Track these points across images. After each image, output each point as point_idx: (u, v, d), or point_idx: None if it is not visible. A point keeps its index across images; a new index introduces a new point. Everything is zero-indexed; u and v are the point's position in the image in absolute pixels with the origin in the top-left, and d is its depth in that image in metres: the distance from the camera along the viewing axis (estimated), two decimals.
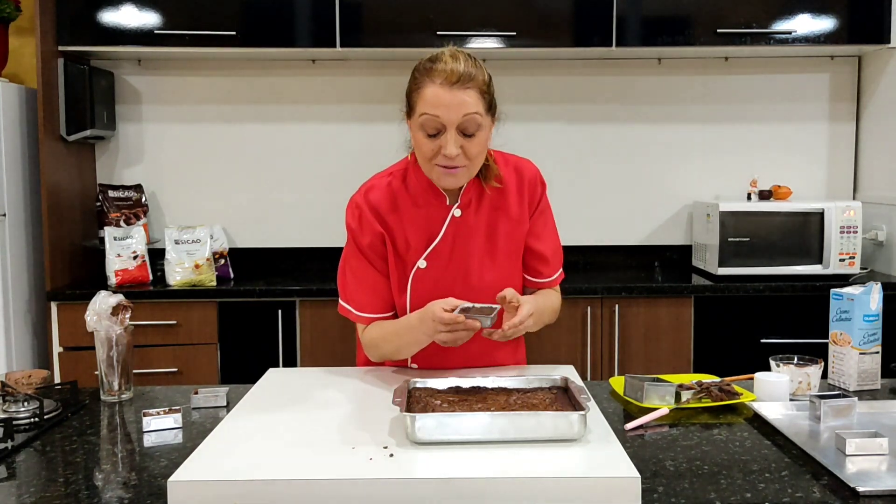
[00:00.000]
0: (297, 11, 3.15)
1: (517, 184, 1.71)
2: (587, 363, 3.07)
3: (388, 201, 1.67)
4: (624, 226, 3.63)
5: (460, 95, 1.50)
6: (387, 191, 1.68)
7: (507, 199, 1.70)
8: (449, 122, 1.51)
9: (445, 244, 1.67)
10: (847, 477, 1.21)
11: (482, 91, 1.53)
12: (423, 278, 1.67)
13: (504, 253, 1.70)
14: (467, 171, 1.58)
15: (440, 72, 1.51)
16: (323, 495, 1.13)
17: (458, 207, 1.67)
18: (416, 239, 1.67)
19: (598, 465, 1.17)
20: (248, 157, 3.58)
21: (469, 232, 1.68)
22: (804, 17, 3.19)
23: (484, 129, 1.55)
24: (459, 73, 1.50)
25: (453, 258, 1.67)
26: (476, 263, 1.68)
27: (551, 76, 3.55)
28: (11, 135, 3.06)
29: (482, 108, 1.53)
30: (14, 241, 3.08)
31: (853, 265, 3.16)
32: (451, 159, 1.53)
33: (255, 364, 2.85)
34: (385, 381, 1.66)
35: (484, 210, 1.68)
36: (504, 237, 1.70)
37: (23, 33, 3.40)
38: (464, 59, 1.53)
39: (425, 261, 1.67)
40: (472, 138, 1.54)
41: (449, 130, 1.52)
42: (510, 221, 1.70)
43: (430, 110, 1.51)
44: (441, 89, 1.50)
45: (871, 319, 1.71)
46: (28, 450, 1.38)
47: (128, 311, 1.69)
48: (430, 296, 1.65)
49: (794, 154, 3.62)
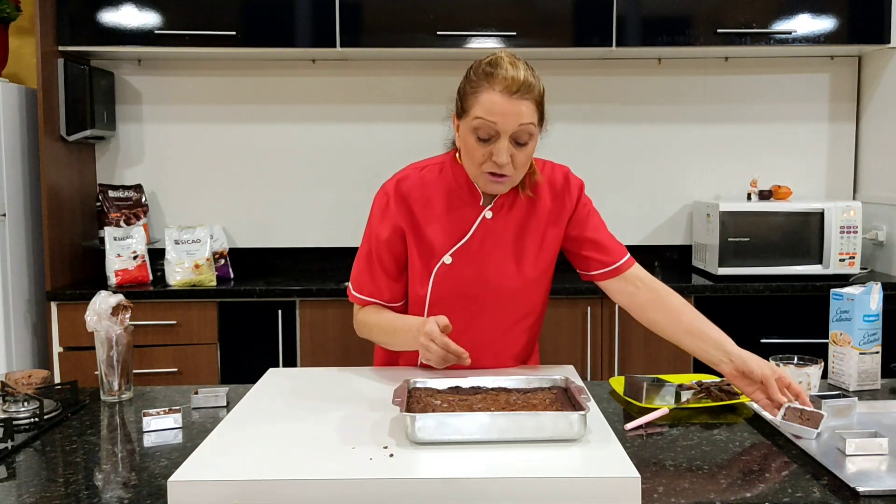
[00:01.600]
0: (297, 11, 3.15)
1: (551, 190, 1.71)
2: (587, 363, 3.07)
3: (419, 191, 1.67)
4: (624, 226, 3.63)
5: (518, 105, 1.50)
6: (419, 182, 1.68)
7: (540, 205, 1.69)
8: (504, 130, 1.51)
9: (473, 244, 1.67)
10: (847, 477, 1.21)
11: (538, 102, 1.54)
12: (446, 274, 1.68)
13: (530, 259, 1.70)
14: (512, 180, 1.59)
15: (501, 79, 1.50)
16: (323, 495, 1.13)
17: (490, 209, 1.67)
18: (444, 233, 1.67)
19: (598, 465, 1.17)
20: (248, 157, 3.58)
21: (498, 235, 1.68)
22: (804, 17, 3.19)
23: (534, 139, 1.56)
24: (520, 82, 1.50)
25: (479, 258, 1.67)
26: (500, 266, 1.68)
27: (551, 76, 3.54)
28: (11, 135, 3.06)
29: (536, 118, 1.54)
30: (14, 241, 3.08)
31: (853, 265, 3.16)
32: (500, 167, 1.53)
33: (255, 364, 2.85)
34: (385, 381, 1.66)
35: (515, 214, 1.69)
36: (532, 243, 1.70)
37: (23, 33, 3.41)
38: (524, 68, 1.53)
39: (451, 257, 1.67)
40: (524, 148, 1.54)
41: (502, 138, 1.52)
42: (539, 227, 1.70)
43: (486, 116, 1.51)
44: (501, 97, 1.50)
45: (871, 319, 1.71)
46: (28, 450, 1.38)
47: (128, 311, 1.68)
48: (451, 291, 1.67)
49: (794, 154, 3.62)
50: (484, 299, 1.68)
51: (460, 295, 1.68)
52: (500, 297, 1.68)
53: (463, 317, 1.68)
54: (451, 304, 1.68)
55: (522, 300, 1.72)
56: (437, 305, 1.70)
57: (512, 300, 1.70)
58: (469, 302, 1.69)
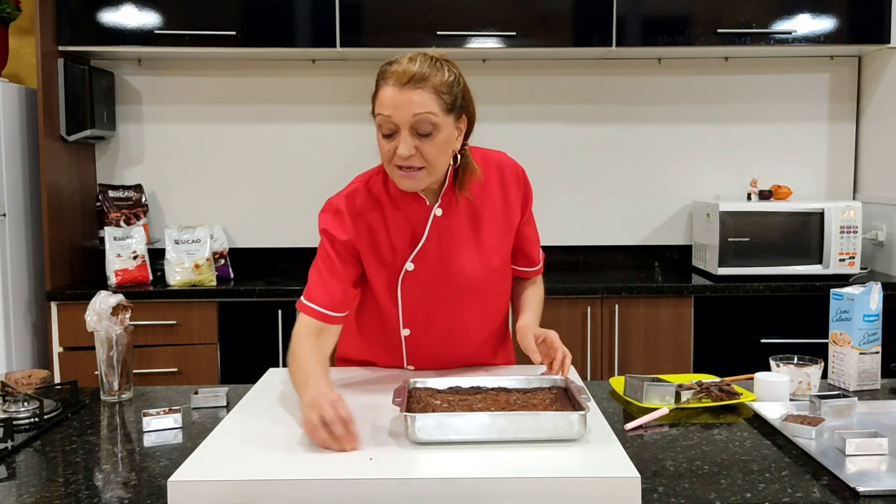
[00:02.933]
0: (297, 11, 3.15)
1: (500, 182, 1.69)
2: (587, 363, 3.07)
3: (370, 204, 1.65)
4: (624, 226, 3.63)
5: (410, 95, 1.48)
6: (367, 194, 1.65)
7: (489, 195, 1.68)
8: (400, 122, 1.49)
9: (431, 245, 1.65)
10: (847, 477, 1.21)
11: (438, 91, 1.50)
12: (412, 281, 1.65)
13: (491, 248, 1.69)
14: (427, 173, 1.54)
15: (393, 73, 1.50)
16: (323, 495, 1.13)
17: (438, 206, 1.64)
18: (400, 242, 1.64)
19: (598, 465, 1.17)
20: (248, 157, 3.58)
21: (453, 230, 1.66)
22: (804, 17, 3.19)
23: (442, 130, 1.51)
24: (411, 73, 1.48)
25: (440, 258, 1.65)
26: (463, 261, 1.66)
27: (551, 76, 3.55)
28: (11, 135, 3.06)
29: (437, 108, 1.50)
30: (14, 241, 3.08)
31: (853, 265, 3.16)
32: (404, 159, 1.50)
33: (255, 364, 2.85)
34: (385, 381, 1.66)
35: (466, 207, 1.66)
36: (489, 233, 1.68)
37: (23, 33, 3.41)
38: (421, 61, 1.51)
39: (412, 263, 1.64)
40: (428, 139, 1.51)
41: (402, 131, 1.50)
42: (494, 216, 1.68)
43: (382, 110, 1.51)
44: (392, 89, 1.49)
45: (871, 319, 1.71)
46: (28, 450, 1.38)
47: (128, 311, 1.69)
48: (422, 298, 1.64)
49: (794, 154, 3.62)
50: (457, 297, 1.66)
51: (432, 299, 1.66)
52: (472, 291, 1.67)
53: (443, 320, 1.68)
54: (426, 310, 1.67)
55: (494, 289, 1.73)
56: (412, 317, 1.68)
57: (484, 292, 1.70)
58: (443, 304, 1.67)
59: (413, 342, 1.72)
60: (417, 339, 1.72)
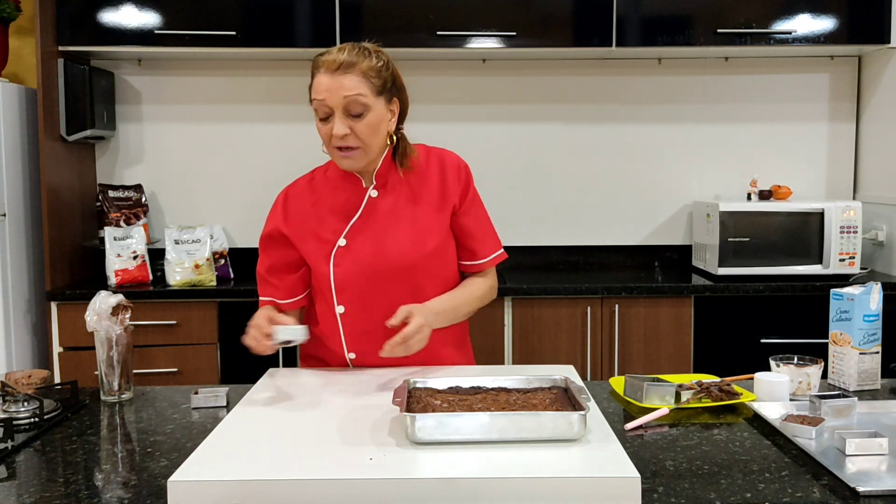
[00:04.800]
0: (297, 11, 3.16)
1: (440, 172, 1.80)
2: (587, 363, 3.07)
3: (308, 193, 1.83)
4: (624, 226, 3.63)
5: (341, 80, 1.65)
6: (307, 185, 1.85)
7: (428, 185, 1.79)
8: (333, 104, 1.66)
9: (365, 223, 1.76)
10: (847, 477, 1.21)
11: (367, 75, 1.66)
12: (344, 256, 1.76)
13: (426, 231, 1.76)
14: (363, 152, 1.70)
15: (325, 62, 1.67)
16: (323, 495, 1.13)
17: (374, 188, 1.78)
18: (336, 221, 1.77)
19: (598, 465, 1.17)
20: (248, 157, 3.58)
21: (388, 212, 1.77)
22: (804, 17, 3.19)
23: (373, 110, 1.68)
24: (341, 61, 1.65)
25: (374, 237, 1.75)
26: (396, 242, 1.75)
27: (551, 76, 3.55)
28: (11, 135, 3.06)
29: (367, 90, 1.66)
30: (14, 241, 3.08)
31: (853, 265, 3.16)
32: (340, 139, 1.67)
33: (255, 364, 2.84)
34: (385, 382, 1.66)
35: (402, 192, 1.78)
36: (425, 220, 1.77)
37: (23, 33, 3.41)
38: (349, 49, 1.68)
39: (345, 239, 1.76)
40: (360, 119, 1.67)
41: (336, 113, 1.67)
42: (432, 206, 1.78)
43: (317, 96, 1.67)
44: (324, 76, 1.67)
45: (871, 319, 1.71)
46: (28, 450, 1.38)
47: (128, 311, 1.69)
48: (352, 272, 1.74)
49: (794, 154, 3.62)
50: (386, 276, 1.74)
51: (362, 275, 1.74)
52: (402, 272, 1.74)
53: (371, 297, 1.75)
54: (356, 285, 1.75)
55: (426, 273, 1.77)
56: (343, 289, 1.76)
57: (415, 274, 1.75)
58: (373, 281, 1.75)
59: (349, 322, 1.77)
60: (353, 318, 1.77)
